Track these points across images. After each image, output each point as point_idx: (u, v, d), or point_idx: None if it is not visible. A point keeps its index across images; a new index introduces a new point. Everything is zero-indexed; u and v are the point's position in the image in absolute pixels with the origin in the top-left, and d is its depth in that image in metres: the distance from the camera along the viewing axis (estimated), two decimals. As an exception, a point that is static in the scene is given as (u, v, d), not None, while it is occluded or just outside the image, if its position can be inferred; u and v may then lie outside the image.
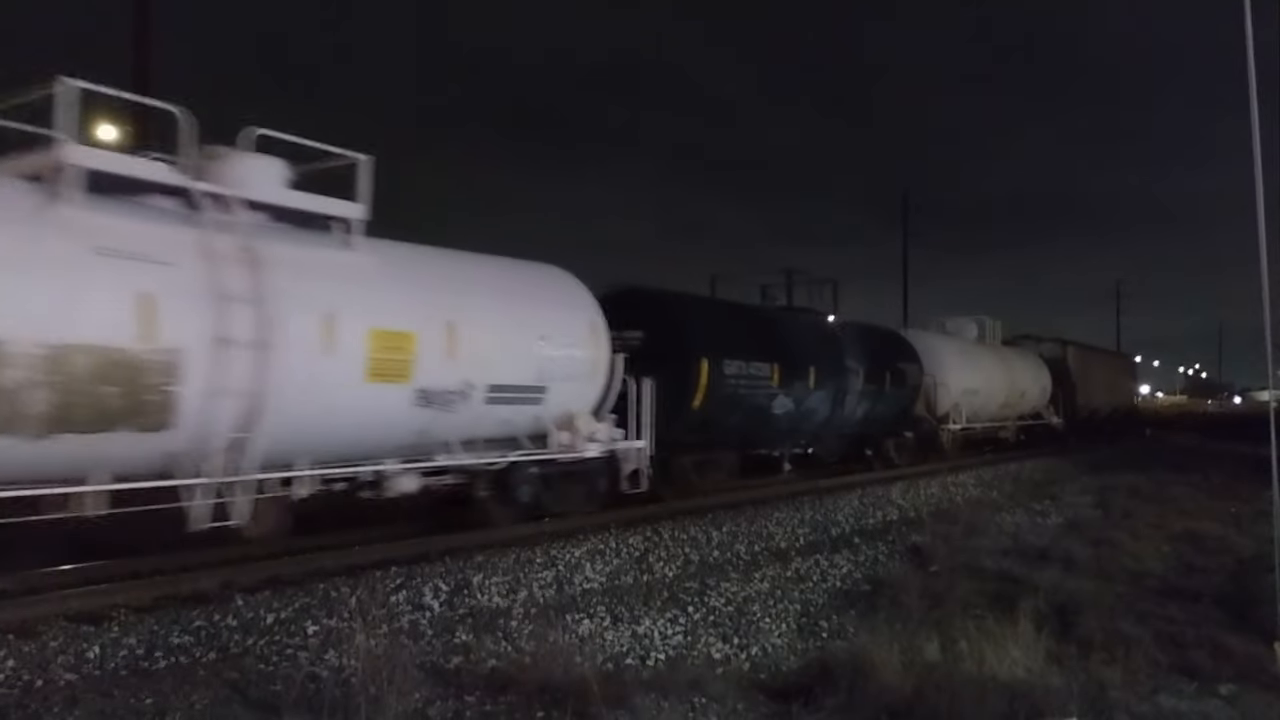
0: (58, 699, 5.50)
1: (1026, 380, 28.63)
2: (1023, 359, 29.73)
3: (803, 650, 8.27)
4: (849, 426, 18.81)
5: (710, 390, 13.90)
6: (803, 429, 17.35)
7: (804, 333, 17.81)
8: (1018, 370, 28.17)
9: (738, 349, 14.81)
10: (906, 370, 20.74)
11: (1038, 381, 29.66)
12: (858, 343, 18.90)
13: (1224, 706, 6.80)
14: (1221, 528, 13.77)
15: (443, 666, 6.50)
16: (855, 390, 18.17)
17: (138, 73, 15.67)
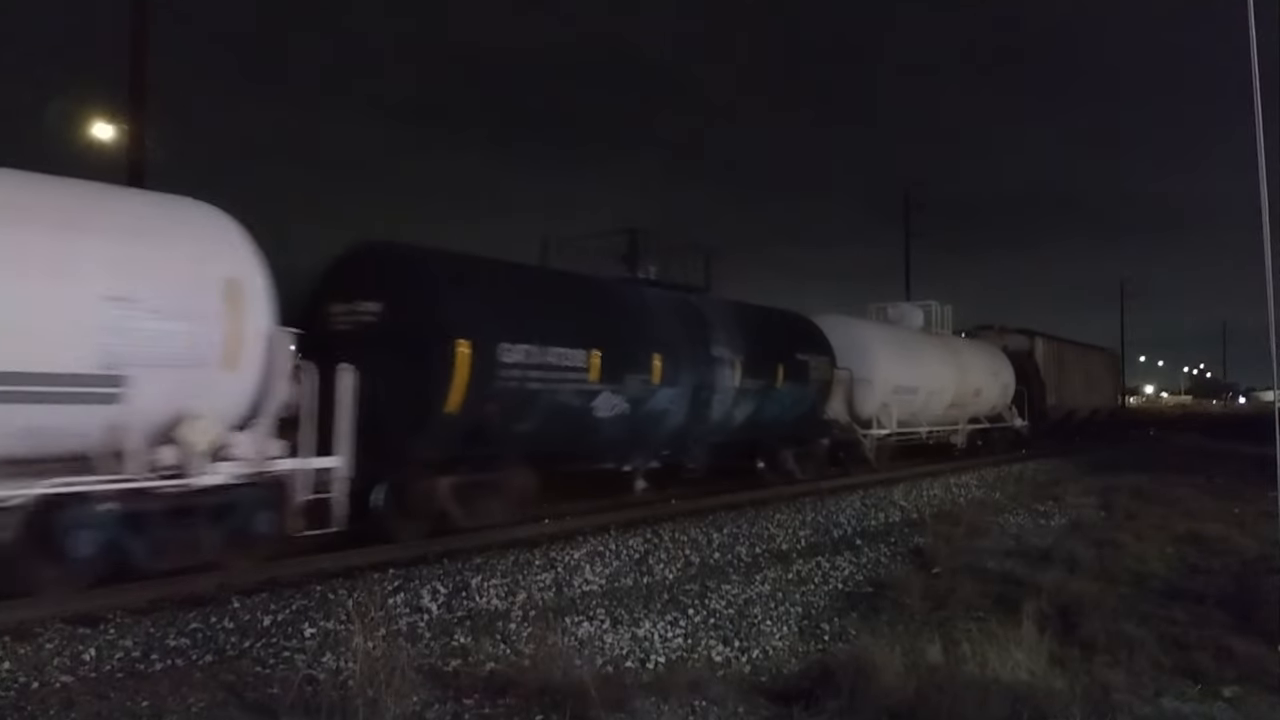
0: (54, 701, 5.47)
1: (982, 377, 24.91)
2: (979, 352, 25.87)
3: (804, 653, 8.24)
4: (723, 433, 14.79)
5: (475, 385, 10.03)
6: (650, 437, 13.34)
7: (645, 311, 13.44)
8: (971, 365, 24.39)
9: (527, 329, 10.79)
10: (810, 363, 16.71)
11: (997, 378, 26.01)
12: (733, 327, 14.90)
13: (1227, 709, 6.76)
14: (1225, 529, 13.71)
15: (441, 669, 6.47)
16: (729, 387, 14.35)
17: (135, 72, 15.63)
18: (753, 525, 12.27)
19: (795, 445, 16.99)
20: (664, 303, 14.12)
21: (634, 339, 12.76)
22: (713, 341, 14.22)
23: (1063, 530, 14.50)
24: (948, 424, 23.54)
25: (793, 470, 16.87)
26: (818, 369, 16.96)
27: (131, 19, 15.61)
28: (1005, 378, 26.52)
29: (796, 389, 16.26)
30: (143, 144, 15.69)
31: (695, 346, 13.85)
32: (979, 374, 24.69)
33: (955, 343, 25.15)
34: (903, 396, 20.42)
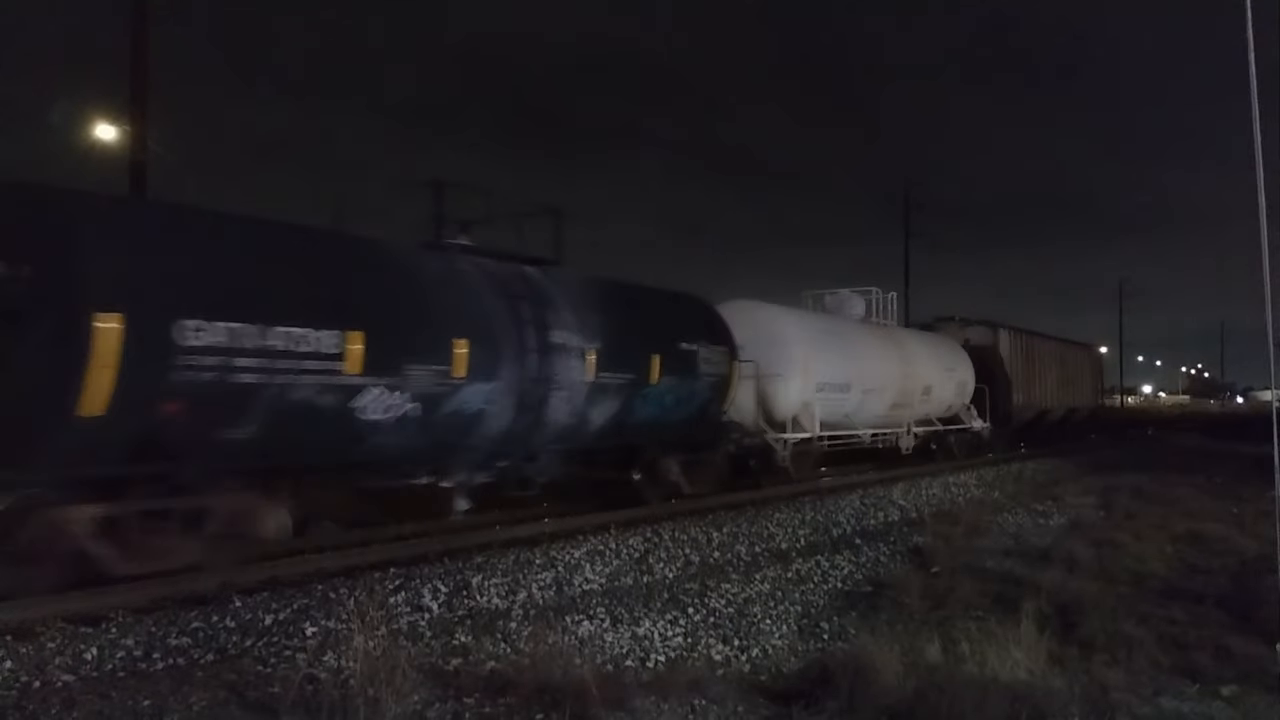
0: (55, 700, 5.48)
1: (933, 373, 22.27)
2: (930, 346, 23.24)
3: (803, 652, 8.26)
4: (576, 438, 11.95)
5: (133, 377, 7.33)
6: (462, 445, 10.50)
7: (445, 284, 10.40)
8: (920, 360, 21.67)
9: (234, 300, 8.10)
10: (700, 355, 13.78)
11: (953, 375, 23.34)
12: (588, 307, 11.95)
13: (1226, 708, 6.77)
14: (1224, 528, 13.72)
15: (441, 668, 6.48)
16: (578, 382, 11.50)
17: (135, 71, 15.64)
18: (752, 524, 12.29)
19: (683, 453, 14.09)
20: (479, 275, 10.86)
21: (421, 319, 9.72)
22: (553, 325, 11.21)
23: (1062, 530, 14.52)
24: (892, 426, 20.82)
25: (678, 483, 13.97)
26: (711, 362, 14.03)
27: (132, 19, 15.62)
28: (963, 374, 23.92)
29: (681, 385, 13.35)
30: (144, 145, 15.70)
31: (524, 330, 10.80)
32: (929, 370, 22.08)
33: (901, 335, 22.38)
34: (830, 395, 17.72)
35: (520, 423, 10.91)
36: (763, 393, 16.52)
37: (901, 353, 21.05)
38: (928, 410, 22.44)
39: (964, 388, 24.15)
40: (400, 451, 9.80)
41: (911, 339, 22.92)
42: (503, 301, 10.83)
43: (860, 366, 18.97)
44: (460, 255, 11.20)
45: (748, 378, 15.75)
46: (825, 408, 17.68)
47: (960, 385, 23.91)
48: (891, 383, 20.18)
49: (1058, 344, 33.32)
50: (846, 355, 18.65)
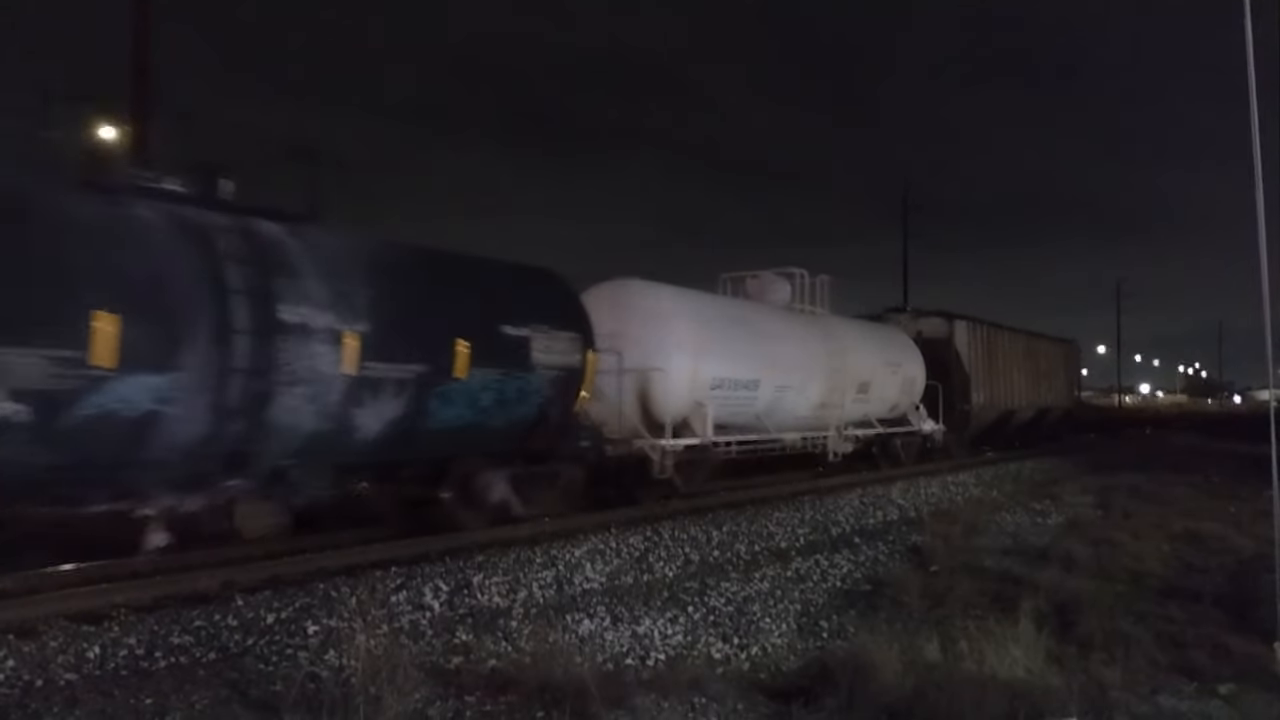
0: (58, 699, 5.50)
1: (872, 368, 19.33)
2: (870, 338, 20.33)
3: (803, 650, 8.27)
4: (340, 448, 9.14)
5: None
6: (133, 462, 7.65)
7: (95, 235, 7.47)
8: (855, 353, 18.67)
9: None
10: (535, 342, 10.93)
11: (898, 372, 20.51)
12: (351, 277, 9.13)
13: (1223, 707, 6.79)
14: (1222, 528, 13.75)
15: (443, 666, 6.50)
16: (329, 375, 8.70)
17: (137, 71, 15.66)
18: (752, 523, 12.32)
19: (515, 465, 11.25)
20: (164, 226, 7.92)
21: (27, 280, 6.89)
22: (285, 297, 8.41)
23: (1060, 529, 14.54)
24: (814, 429, 17.73)
25: (507, 503, 11.15)
26: (553, 351, 11.12)
27: (132, 19, 15.63)
28: (911, 370, 21.12)
29: (506, 381, 10.52)
30: (145, 145, 15.72)
31: (230, 303, 8.01)
32: (868, 365, 19.14)
33: (833, 325, 18.95)
34: (732, 394, 14.91)
35: (229, 429, 8.11)
36: (644, 391, 13.63)
37: (831, 345, 17.91)
38: (866, 410, 19.42)
39: (912, 385, 21.21)
40: (11, 472, 6.97)
41: (846, 329, 19.36)
42: (195, 263, 7.92)
43: (773, 360, 15.96)
44: (141, 199, 8.07)
45: (624, 372, 13.20)
46: (725, 408, 14.80)
47: (907, 382, 20.97)
48: (817, 379, 17.24)
49: (1027, 338, 29.94)
50: (754, 347, 15.64)
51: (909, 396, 21.42)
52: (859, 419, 19.43)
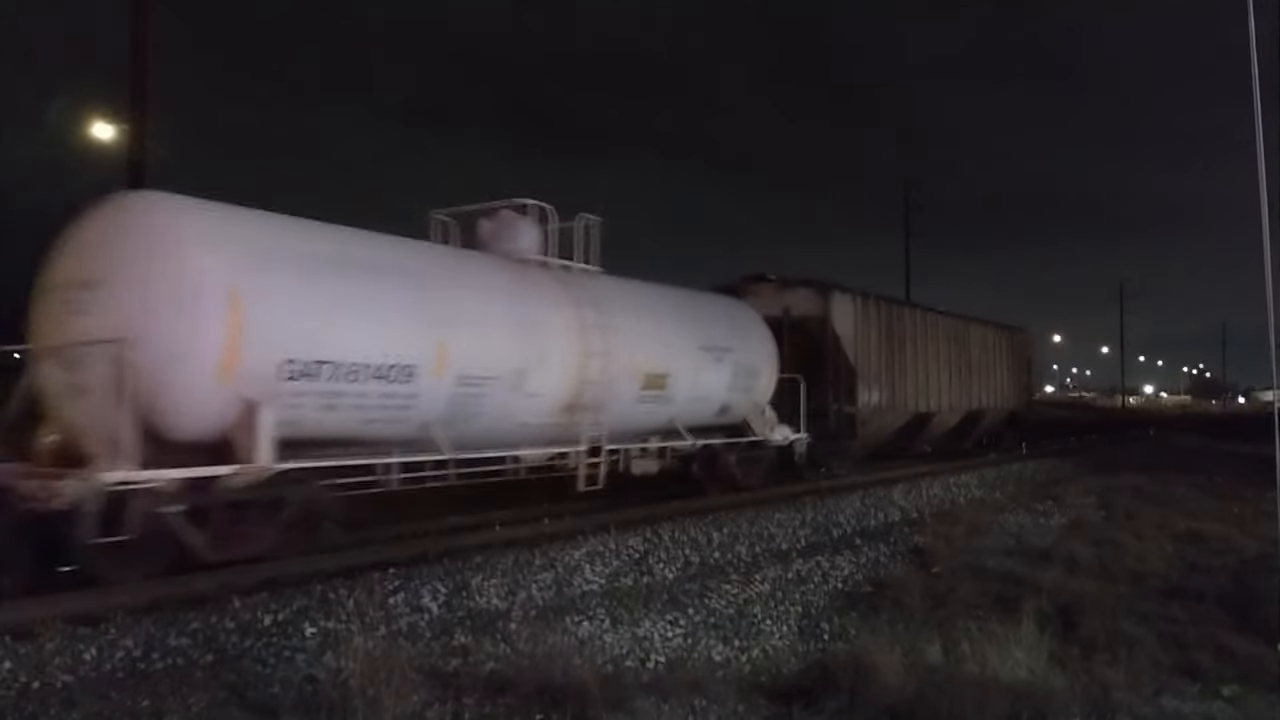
0: (54, 701, 5.48)
1: (671, 355, 13.77)
2: (669, 312, 14.31)
3: (804, 652, 8.23)
4: None
5: None
6: None
7: None
8: (634, 332, 13.12)
9: None
10: None
11: (723, 359, 14.81)
12: None
13: (1226, 708, 6.76)
14: (1225, 528, 13.71)
15: (441, 668, 6.47)
16: None
17: (135, 72, 15.65)
18: (752, 525, 12.28)
19: None
20: None
21: None
22: None
23: (1062, 529, 14.50)
24: (559, 441, 12.16)
25: None
26: None
27: (131, 18, 15.63)
28: (750, 359, 15.46)
29: None
30: (144, 144, 15.71)
31: None
32: (662, 349, 13.56)
33: (600, 287, 13.01)
34: (337, 388, 9.20)
35: None
36: (139, 388, 7.85)
37: (585, 315, 12.12)
38: (668, 414, 13.76)
39: (752, 379, 15.50)
40: None
41: (622, 296, 13.39)
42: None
43: (458, 334, 10.35)
44: None
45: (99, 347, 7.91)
46: (325, 412, 9.18)
47: (743, 375, 15.25)
48: (557, 367, 11.64)
49: (953, 322, 24.06)
50: (409, 313, 9.96)
51: (749, 395, 15.50)
52: (653, 425, 13.77)
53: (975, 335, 25.27)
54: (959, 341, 24.06)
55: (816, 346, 18.00)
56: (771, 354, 16.39)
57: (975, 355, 24.95)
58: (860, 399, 18.99)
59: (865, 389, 19.23)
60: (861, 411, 19.01)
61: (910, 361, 21.24)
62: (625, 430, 13.29)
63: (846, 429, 18.57)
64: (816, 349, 17.95)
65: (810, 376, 17.05)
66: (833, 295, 18.67)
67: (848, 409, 18.57)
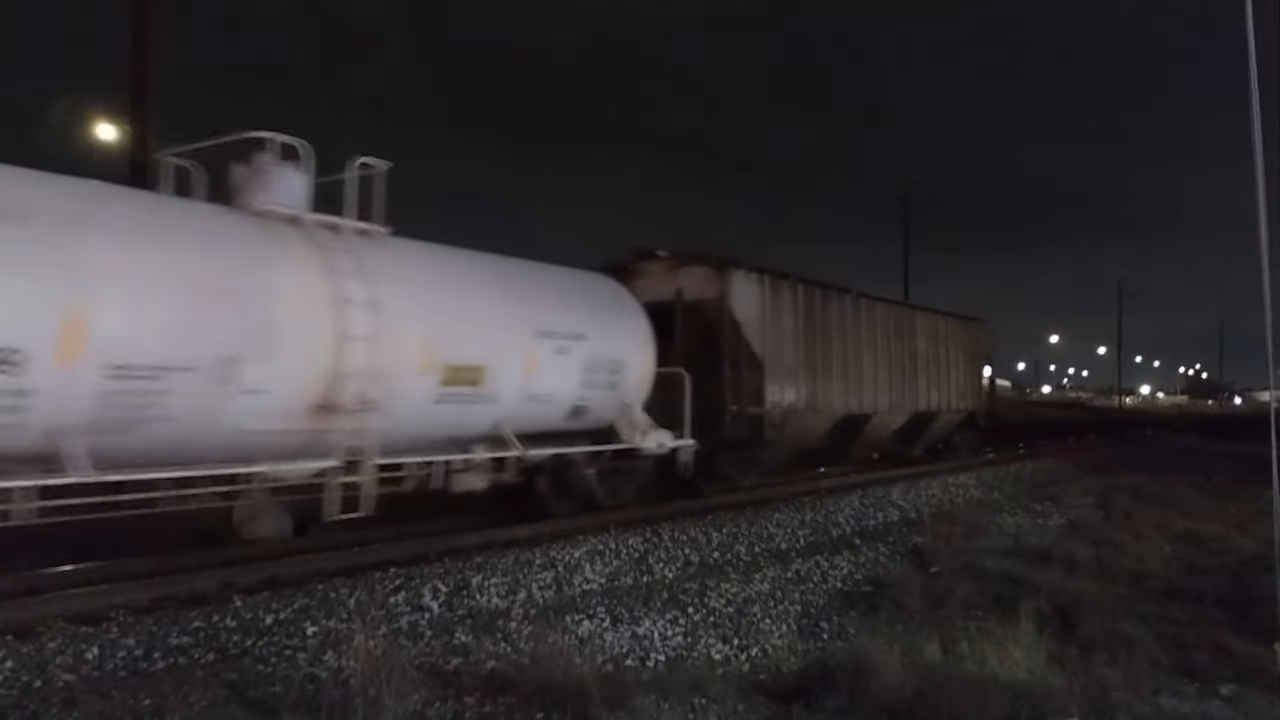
0: (56, 700, 5.49)
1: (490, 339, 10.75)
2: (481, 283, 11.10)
3: (803, 651, 8.26)
4: None
5: None
6: None
7: None
8: (420, 310, 9.95)
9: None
10: None
11: (574, 348, 11.83)
12: None
13: (1225, 707, 6.79)
14: (1222, 528, 13.77)
15: (442, 667, 6.49)
16: None
17: (136, 72, 15.66)
18: (752, 524, 12.30)
19: None
20: None
21: None
22: None
23: (1061, 530, 14.54)
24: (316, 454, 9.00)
25: None
26: None
27: (132, 18, 15.63)
28: (616, 350, 12.44)
29: None
30: (145, 144, 15.71)
31: None
32: (477, 333, 10.63)
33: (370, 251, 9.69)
34: None
35: None
36: None
37: (343, 287, 9.16)
38: (482, 418, 10.69)
39: (616, 374, 12.44)
40: None
41: (414, 262, 10.39)
42: None
43: (94, 304, 7.36)
44: None
45: None
46: None
47: (604, 369, 12.24)
48: (292, 356, 8.73)
49: (895, 310, 21.16)
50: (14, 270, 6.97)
51: (614, 394, 12.47)
52: (470, 431, 10.66)
53: (923, 326, 22.11)
54: (903, 333, 20.99)
55: (710, 335, 14.86)
56: (643, 343, 13.19)
57: (923, 349, 21.83)
58: (769, 398, 15.74)
59: (776, 386, 15.99)
60: (771, 413, 15.79)
61: (839, 355, 18.12)
62: (421, 438, 10.21)
63: (749, 433, 15.38)
64: (709, 338, 14.83)
65: (705, 371, 14.30)
66: (731, 274, 15.22)
67: (752, 410, 15.30)
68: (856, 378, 18.69)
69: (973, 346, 25.00)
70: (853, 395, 18.50)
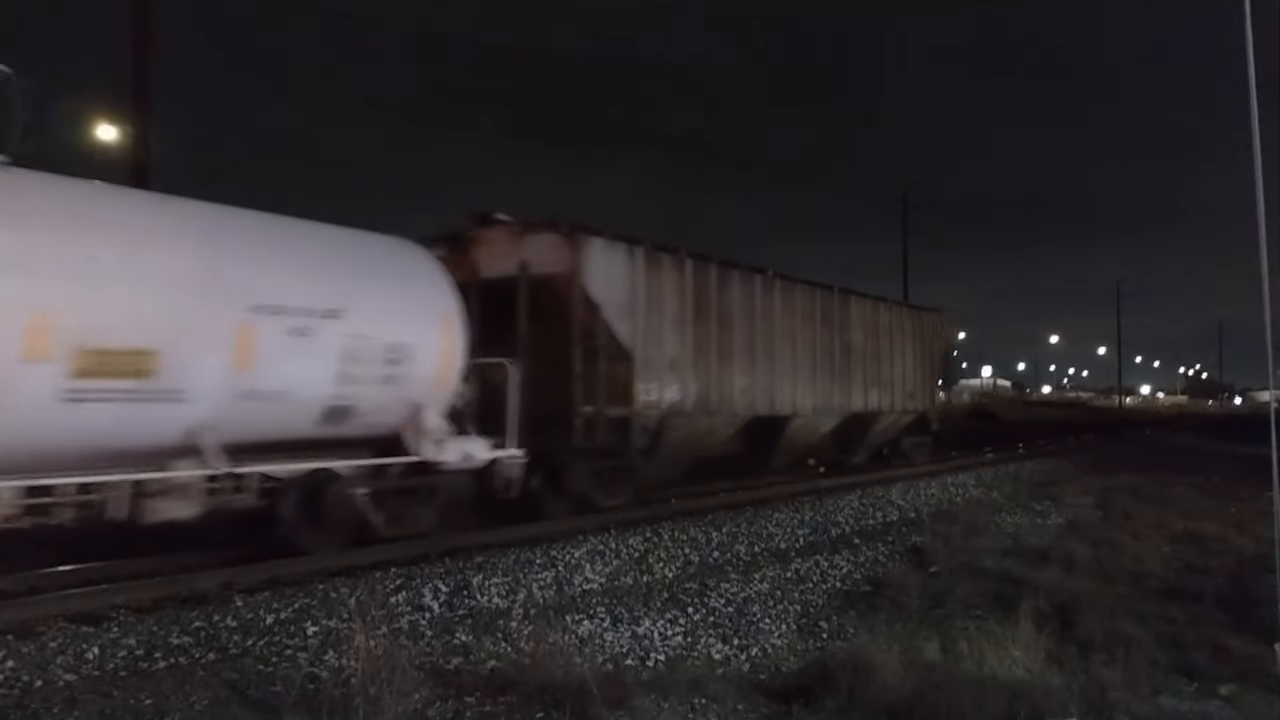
0: (57, 700, 5.49)
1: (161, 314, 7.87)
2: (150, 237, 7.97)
3: (803, 651, 8.27)
4: None
5: None
6: None
7: None
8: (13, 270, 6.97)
9: None
10: None
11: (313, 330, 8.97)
12: None
13: (1224, 707, 6.79)
14: (1222, 528, 13.77)
15: (442, 667, 6.49)
16: None
17: (137, 71, 15.65)
18: (751, 524, 12.31)
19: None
20: None
21: None
22: None
23: (1060, 529, 14.54)
24: None
25: None
26: None
27: (132, 18, 15.63)
28: (397, 332, 9.85)
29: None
30: (146, 145, 15.71)
31: None
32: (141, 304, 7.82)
33: None
34: None
35: None
36: None
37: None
38: (164, 422, 8.06)
39: (398, 364, 9.86)
40: None
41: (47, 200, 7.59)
42: None
43: None
44: None
45: None
46: None
47: (376, 358, 9.66)
48: None
49: (822, 295, 17.93)
50: None
51: (395, 390, 9.85)
52: (142, 441, 8.03)
53: (859, 315, 19.21)
54: (832, 322, 18.08)
55: (563, 318, 12.19)
56: (441, 324, 10.42)
57: (860, 341, 19.06)
58: (641, 397, 12.91)
59: (652, 383, 13.18)
60: (644, 415, 12.98)
61: (744, 346, 15.25)
62: (48, 454, 7.44)
63: (618, 441, 12.74)
64: (563, 322, 12.18)
65: (550, 363, 11.85)
66: (586, 243, 12.32)
67: (615, 412, 12.53)
68: (769, 373, 15.90)
69: (924, 339, 22.12)
70: (763, 394, 15.78)
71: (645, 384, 13.11)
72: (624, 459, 13.02)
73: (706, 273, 14.64)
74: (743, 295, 15.46)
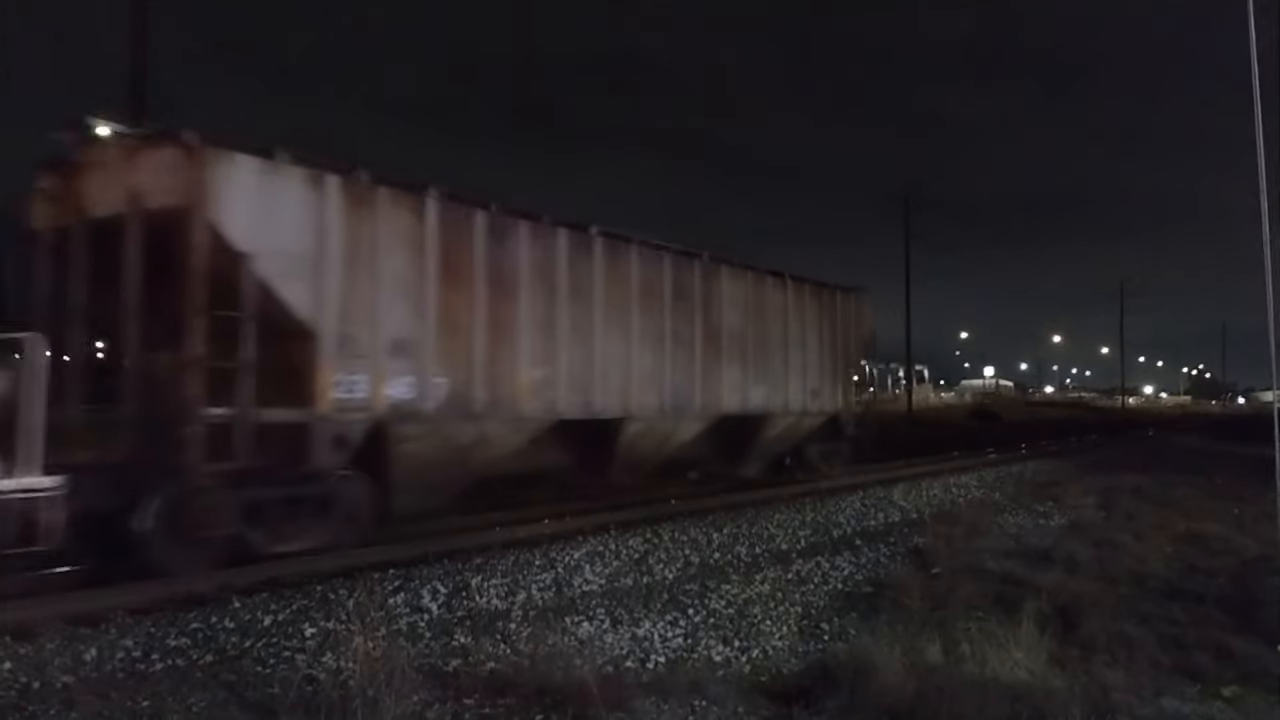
0: (55, 701, 5.48)
1: None
2: None
3: (804, 652, 8.24)
4: None
5: None
6: None
7: None
8: None
9: None
10: None
11: None
12: None
13: (1226, 709, 6.77)
14: (1225, 529, 13.73)
15: (441, 669, 6.47)
16: None
17: (135, 71, 15.65)
18: (752, 525, 12.28)
19: None
20: None
21: None
22: None
23: (1062, 530, 14.50)
24: None
25: None
26: None
27: (132, 18, 15.64)
28: None
29: None
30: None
31: None
32: None
33: None
34: None
35: None
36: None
37: None
38: None
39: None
40: None
41: None
42: None
43: None
44: None
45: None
46: None
47: None
48: None
49: (663, 259, 13.89)
50: None
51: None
52: None
53: (735, 291, 15.29)
54: (690, 297, 14.29)
55: (182, 273, 8.57)
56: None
57: (735, 324, 15.21)
58: (328, 393, 9.42)
59: (358, 373, 9.70)
60: (334, 420, 9.45)
61: (538, 323, 11.72)
62: None
63: (292, 460, 9.16)
64: (178, 278, 8.55)
65: (154, 341, 8.80)
66: (219, 162, 8.75)
67: (276, 416, 9.05)
68: (584, 362, 12.32)
69: (835, 325, 18.05)
70: (574, 390, 12.15)
71: (341, 375, 9.49)
72: (314, 485, 9.27)
73: (467, 221, 10.85)
74: (537, 256, 11.70)
